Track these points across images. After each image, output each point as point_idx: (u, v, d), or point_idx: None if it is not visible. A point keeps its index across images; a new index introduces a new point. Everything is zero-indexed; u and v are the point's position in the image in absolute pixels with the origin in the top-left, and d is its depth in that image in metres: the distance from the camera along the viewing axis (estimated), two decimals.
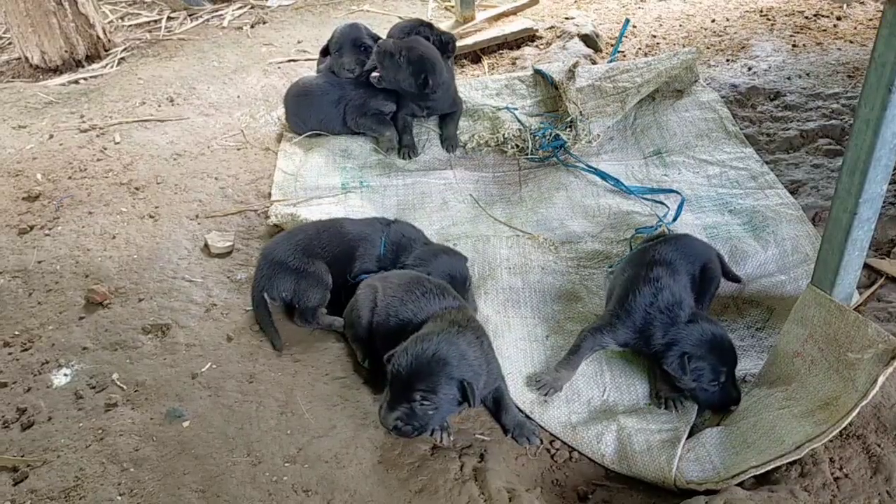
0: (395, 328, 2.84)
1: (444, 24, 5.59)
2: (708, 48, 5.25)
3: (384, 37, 4.50)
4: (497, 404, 2.79)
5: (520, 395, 2.90)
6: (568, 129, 4.29)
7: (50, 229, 3.67)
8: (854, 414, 2.39)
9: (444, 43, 4.39)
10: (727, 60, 5.07)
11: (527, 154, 4.27)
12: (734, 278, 3.28)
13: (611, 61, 5.12)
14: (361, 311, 2.95)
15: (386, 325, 2.88)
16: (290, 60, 5.41)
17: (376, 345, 2.94)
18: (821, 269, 2.62)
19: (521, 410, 2.84)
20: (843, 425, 2.41)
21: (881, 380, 2.37)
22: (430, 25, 4.44)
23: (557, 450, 2.77)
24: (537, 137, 4.27)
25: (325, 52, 4.56)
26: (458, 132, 4.38)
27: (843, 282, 2.59)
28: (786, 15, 5.66)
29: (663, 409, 2.85)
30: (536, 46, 5.48)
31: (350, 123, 4.32)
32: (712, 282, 3.12)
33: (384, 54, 4.08)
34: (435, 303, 2.84)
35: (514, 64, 5.28)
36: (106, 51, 5.73)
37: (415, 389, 2.46)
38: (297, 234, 3.31)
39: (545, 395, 2.88)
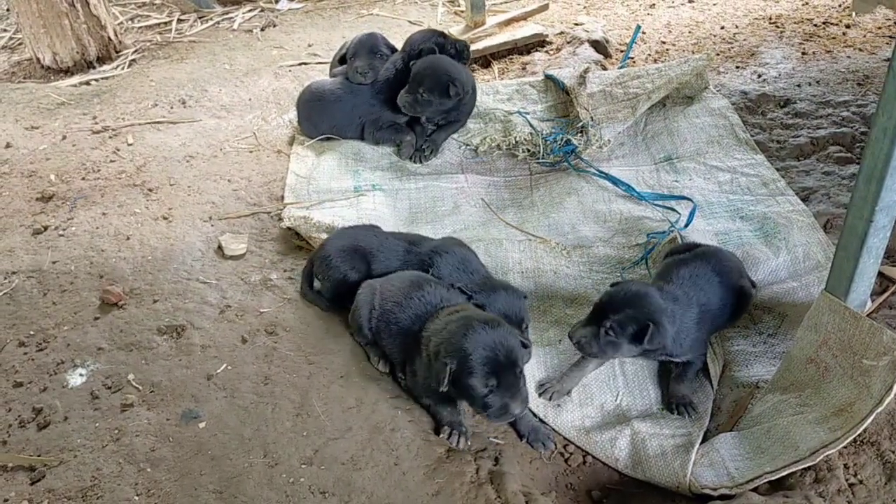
0: (395, 331, 2.86)
1: (454, 29, 5.63)
2: (717, 55, 5.27)
3: (399, 45, 4.53)
4: None
5: (533, 399, 2.90)
6: (579, 135, 4.31)
7: (64, 230, 3.69)
8: (869, 421, 2.40)
9: (459, 51, 4.42)
10: (737, 67, 5.09)
11: (538, 158, 4.29)
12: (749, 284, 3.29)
13: (621, 67, 5.14)
14: (361, 312, 2.98)
15: (387, 330, 2.90)
16: (301, 64, 5.44)
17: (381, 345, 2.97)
18: (835, 276, 2.63)
19: (534, 415, 2.86)
20: (858, 432, 2.42)
21: None
22: (443, 35, 4.46)
23: (571, 454, 2.78)
24: (549, 142, 4.29)
25: (342, 59, 4.59)
26: (459, 137, 4.41)
27: (857, 289, 2.60)
28: (795, 23, 5.68)
29: (675, 416, 2.86)
30: (546, 52, 5.50)
31: (368, 139, 4.37)
32: (747, 302, 3.15)
33: (411, 105, 4.15)
34: (432, 304, 2.84)
35: (524, 69, 5.30)
36: (117, 52, 5.76)
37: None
38: (357, 233, 3.37)
39: (550, 399, 2.91)
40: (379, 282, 3.05)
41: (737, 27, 5.72)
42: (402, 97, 4.16)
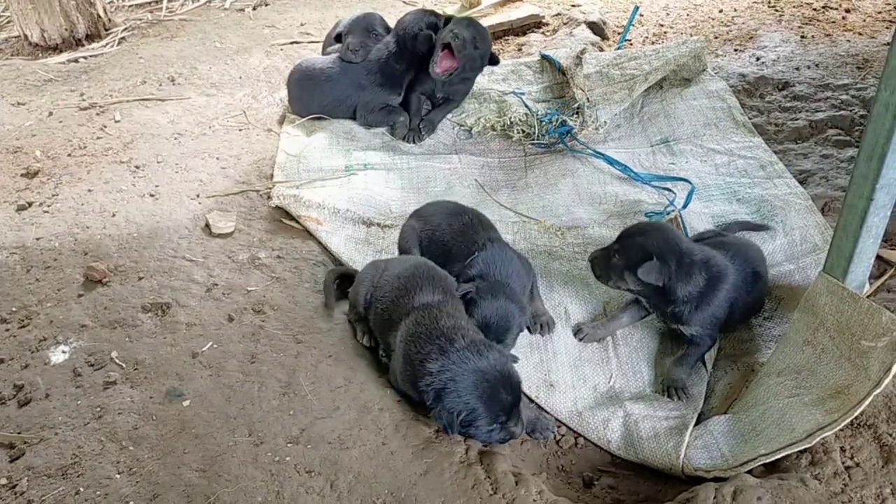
0: (382, 314, 2.81)
1: (450, 10, 5.55)
2: (716, 38, 5.20)
3: (392, 25, 4.45)
4: None
5: (526, 381, 2.84)
6: (575, 116, 4.24)
7: (49, 206, 3.61)
8: (867, 403, 2.36)
9: None
10: (735, 50, 5.03)
11: (533, 139, 4.22)
12: None
13: (618, 49, 5.07)
14: (360, 288, 2.94)
15: (376, 308, 2.85)
16: (293, 42, 5.35)
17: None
18: (834, 257, 2.59)
19: (526, 396, 2.80)
20: (855, 414, 2.37)
21: (895, 368, 2.34)
22: (435, 14, 4.38)
23: (563, 435, 2.74)
24: (544, 123, 4.22)
25: (338, 38, 4.52)
26: (453, 118, 4.36)
27: (856, 269, 2.55)
28: (794, 6, 5.61)
29: (667, 398, 2.82)
30: (542, 33, 5.43)
31: (361, 122, 4.30)
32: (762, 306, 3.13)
33: (461, 45, 4.04)
34: (419, 298, 2.75)
35: (520, 50, 5.23)
36: (106, 30, 5.66)
37: None
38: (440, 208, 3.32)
39: (581, 339, 3.01)
40: (385, 261, 3.02)
41: (735, 10, 5.65)
42: (455, 33, 4.04)
